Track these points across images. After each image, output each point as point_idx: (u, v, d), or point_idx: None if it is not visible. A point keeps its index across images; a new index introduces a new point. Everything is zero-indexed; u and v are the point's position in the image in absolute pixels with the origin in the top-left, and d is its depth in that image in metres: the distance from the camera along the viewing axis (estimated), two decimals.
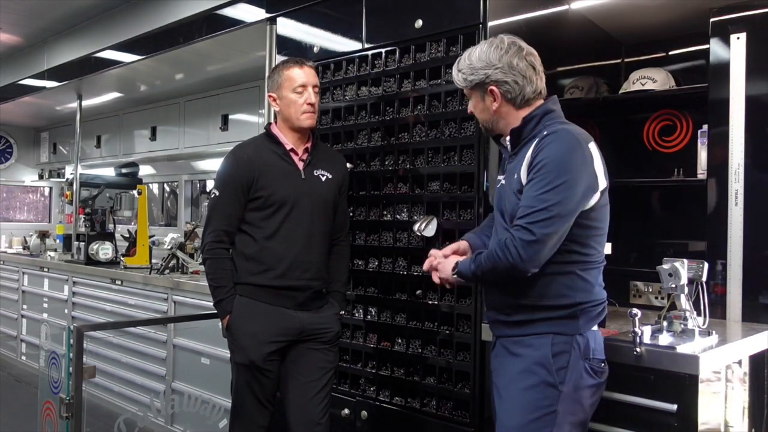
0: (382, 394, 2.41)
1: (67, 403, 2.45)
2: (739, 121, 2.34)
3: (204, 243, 2.29)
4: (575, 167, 1.63)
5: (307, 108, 2.27)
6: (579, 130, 1.73)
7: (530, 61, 1.76)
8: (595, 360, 1.71)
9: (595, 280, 1.73)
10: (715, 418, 1.97)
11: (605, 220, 1.73)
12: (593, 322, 1.72)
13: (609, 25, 2.87)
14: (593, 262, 1.72)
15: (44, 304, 5.33)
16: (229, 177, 2.28)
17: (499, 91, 1.76)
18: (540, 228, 1.59)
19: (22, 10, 4.32)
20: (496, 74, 1.74)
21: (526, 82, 1.75)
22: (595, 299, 1.71)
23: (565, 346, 1.68)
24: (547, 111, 1.78)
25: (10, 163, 7.29)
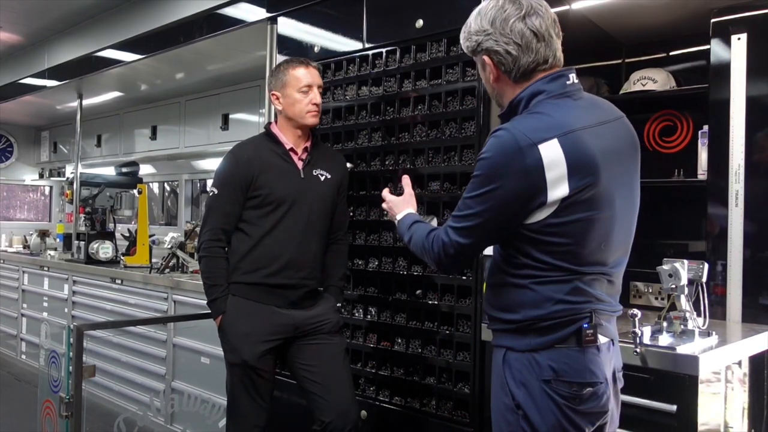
0: (382, 393, 2.41)
1: (67, 402, 2.45)
2: (740, 122, 2.34)
3: (201, 241, 2.28)
4: (507, 175, 1.38)
5: (312, 108, 2.28)
6: (542, 123, 1.42)
7: (532, 25, 1.46)
8: (564, 383, 1.43)
9: (553, 294, 1.44)
10: (715, 418, 1.97)
11: (577, 236, 1.42)
12: (550, 340, 1.45)
13: (610, 25, 2.87)
14: (551, 276, 1.44)
15: (44, 303, 5.33)
16: (229, 176, 2.28)
17: (491, 61, 1.50)
18: (458, 236, 1.48)
19: (23, 9, 4.32)
20: (487, 41, 1.48)
21: (522, 51, 1.46)
22: (551, 316, 1.44)
23: (517, 363, 1.47)
24: (534, 92, 1.48)
25: (11, 162, 7.29)
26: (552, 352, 1.44)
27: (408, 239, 1.68)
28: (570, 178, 1.38)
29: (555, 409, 1.43)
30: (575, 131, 1.41)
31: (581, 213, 1.40)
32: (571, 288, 1.44)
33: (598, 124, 1.47)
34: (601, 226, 1.44)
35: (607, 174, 1.44)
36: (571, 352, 1.44)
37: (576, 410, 1.43)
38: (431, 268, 2.13)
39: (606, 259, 1.48)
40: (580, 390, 1.43)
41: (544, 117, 1.44)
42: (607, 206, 1.45)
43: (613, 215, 1.47)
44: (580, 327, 1.44)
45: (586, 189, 1.40)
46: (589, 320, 1.45)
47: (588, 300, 1.46)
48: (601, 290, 1.48)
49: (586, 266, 1.45)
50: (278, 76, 2.33)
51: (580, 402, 1.43)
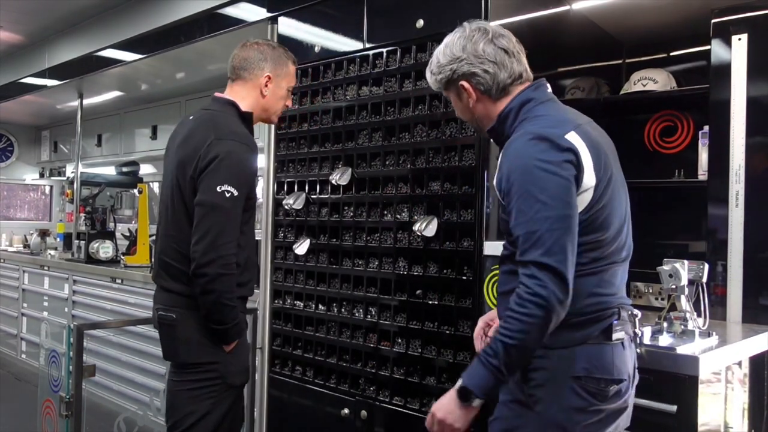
0: (382, 394, 2.41)
1: (67, 401, 2.45)
2: (740, 123, 2.34)
3: (220, 254, 1.90)
4: (554, 167, 1.39)
5: (284, 109, 2.22)
6: (552, 120, 1.48)
7: (500, 44, 1.55)
8: (593, 380, 1.44)
9: (586, 288, 1.45)
10: (715, 419, 1.97)
11: (604, 225, 1.46)
12: (583, 335, 1.45)
13: (610, 25, 2.87)
14: (584, 269, 1.45)
15: (44, 303, 5.33)
16: (249, 173, 2.01)
17: (470, 84, 1.57)
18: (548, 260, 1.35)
19: (24, 8, 4.32)
20: (462, 67, 1.56)
21: (499, 68, 1.54)
22: (584, 310, 1.45)
23: (542, 361, 1.46)
24: (523, 101, 1.55)
25: (11, 161, 7.29)
26: (584, 348, 1.45)
27: (494, 366, 1.39)
28: (596, 167, 1.44)
29: (579, 407, 1.43)
30: (581, 125, 1.49)
31: (605, 202, 1.46)
32: (598, 280, 1.48)
33: (587, 122, 1.56)
34: (618, 214, 1.51)
35: (614, 165, 1.54)
36: (602, 349, 1.46)
37: (598, 409, 1.45)
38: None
39: (623, 248, 1.55)
40: (606, 387, 1.45)
41: (550, 117, 1.51)
42: (619, 195, 1.53)
43: (623, 203, 1.56)
44: (611, 323, 1.47)
45: (607, 177, 1.47)
46: (617, 315, 1.48)
47: (613, 292, 1.51)
48: (621, 280, 1.55)
49: (612, 255, 1.50)
50: (280, 63, 2.14)
51: (605, 399, 1.45)
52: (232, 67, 2.16)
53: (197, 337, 1.99)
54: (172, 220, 2.05)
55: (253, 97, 2.13)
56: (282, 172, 2.84)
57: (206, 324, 1.98)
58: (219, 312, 1.95)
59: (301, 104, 2.77)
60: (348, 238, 2.55)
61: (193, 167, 1.96)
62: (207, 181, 1.93)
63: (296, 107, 2.79)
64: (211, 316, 1.96)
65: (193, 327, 1.99)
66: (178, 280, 2.02)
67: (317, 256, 2.66)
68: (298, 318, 2.72)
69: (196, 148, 1.98)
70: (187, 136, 2.07)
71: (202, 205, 1.93)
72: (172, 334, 2.03)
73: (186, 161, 2.00)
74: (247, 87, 2.13)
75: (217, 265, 1.89)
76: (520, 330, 1.38)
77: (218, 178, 1.92)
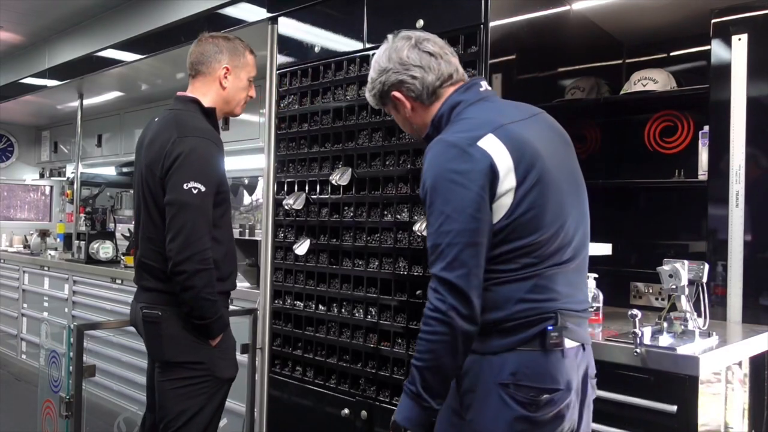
0: (382, 394, 2.41)
1: (67, 401, 2.45)
2: (740, 123, 2.34)
3: (198, 250, 1.94)
4: (463, 178, 1.35)
5: (247, 100, 2.22)
6: (471, 124, 1.44)
7: (424, 49, 1.53)
8: (522, 387, 1.37)
9: (514, 294, 1.40)
10: (715, 419, 1.97)
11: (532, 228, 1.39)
12: (514, 342, 1.40)
13: (610, 25, 2.87)
14: (510, 275, 1.41)
15: (44, 303, 5.34)
16: (215, 168, 2.03)
17: (401, 93, 1.56)
18: (447, 274, 1.33)
19: (24, 8, 4.32)
20: (390, 77, 1.56)
21: (426, 72, 1.52)
22: (514, 316, 1.40)
23: (473, 365, 1.42)
24: (453, 105, 1.51)
25: (11, 161, 7.29)
26: (514, 354, 1.39)
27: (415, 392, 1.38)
28: (516, 168, 1.38)
29: (506, 416, 1.37)
30: (505, 125, 1.43)
31: (531, 204, 1.38)
32: (531, 285, 1.40)
33: (523, 119, 1.49)
34: (554, 214, 1.42)
35: (549, 161, 1.44)
36: (534, 356, 1.39)
37: (528, 417, 1.38)
38: None
39: (565, 250, 1.45)
40: (537, 396, 1.38)
41: (471, 120, 1.46)
42: (556, 192, 1.43)
43: (563, 202, 1.45)
44: (545, 329, 1.39)
45: (534, 176, 1.39)
46: (554, 322, 1.40)
47: (551, 298, 1.42)
48: (565, 285, 1.44)
49: (548, 259, 1.41)
50: (236, 53, 2.17)
51: (536, 409, 1.38)
52: (190, 63, 2.19)
53: (182, 334, 2.02)
54: (147, 223, 2.09)
55: (213, 90, 2.16)
56: (282, 172, 2.84)
57: (190, 320, 2.01)
58: (200, 307, 1.97)
59: (301, 104, 2.77)
60: (348, 238, 2.55)
61: (159, 167, 2.00)
62: (174, 180, 1.96)
63: (296, 107, 2.79)
64: (193, 312, 1.99)
65: (178, 324, 2.02)
66: (160, 279, 2.05)
67: (317, 257, 2.66)
68: (298, 318, 2.72)
69: (161, 148, 2.01)
70: (153, 137, 2.09)
71: (172, 204, 1.96)
72: (157, 332, 2.05)
73: (153, 162, 2.03)
74: (207, 81, 2.16)
75: (194, 261, 1.92)
76: (428, 350, 1.36)
77: (184, 175, 1.95)
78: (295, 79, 2.80)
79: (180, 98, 2.18)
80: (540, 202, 1.39)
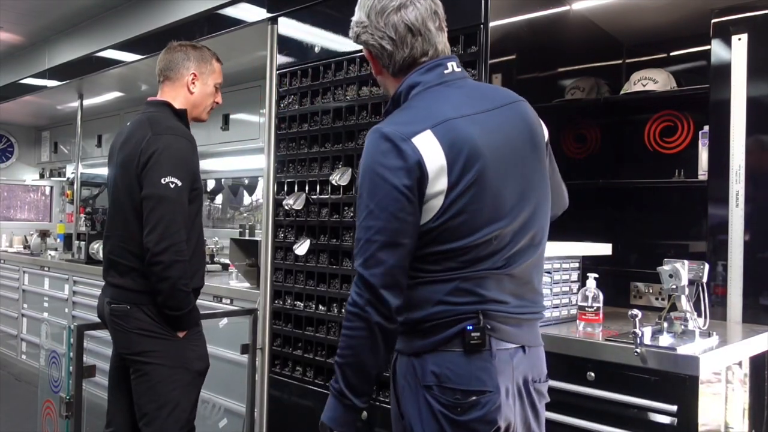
0: (383, 394, 2.41)
1: (67, 402, 2.45)
2: (740, 123, 2.34)
3: (173, 242, 2.01)
4: (390, 175, 1.30)
5: (214, 107, 2.32)
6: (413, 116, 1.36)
7: (407, 18, 1.39)
8: (446, 390, 1.32)
9: (432, 295, 1.35)
10: (716, 419, 1.97)
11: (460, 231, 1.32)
12: (433, 342, 1.34)
13: (610, 25, 2.87)
14: (432, 276, 1.35)
15: (45, 303, 5.33)
16: (190, 164, 2.11)
17: (370, 54, 1.47)
18: (365, 270, 1.30)
19: (23, 9, 4.32)
20: (364, 34, 1.44)
21: (396, 47, 1.41)
22: (431, 317, 1.34)
23: (401, 367, 1.39)
24: (411, 85, 1.41)
25: (11, 162, 7.29)
26: (436, 356, 1.34)
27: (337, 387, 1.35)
28: (450, 170, 1.30)
29: (435, 419, 1.32)
30: (450, 120, 1.33)
31: (464, 207, 1.31)
32: (452, 288, 1.34)
33: (480, 112, 1.38)
34: (489, 218, 1.33)
35: (495, 162, 1.34)
36: (456, 357, 1.33)
37: (454, 420, 1.31)
38: None
39: (499, 256, 1.35)
40: (463, 398, 1.31)
41: (418, 110, 1.38)
42: (495, 197, 1.34)
43: (503, 207, 1.35)
44: (464, 328, 1.32)
45: (468, 180, 1.31)
46: (474, 322, 1.33)
47: (476, 300, 1.34)
48: (496, 290, 1.36)
49: (474, 264, 1.34)
50: (204, 60, 2.27)
51: (462, 412, 1.31)
52: (159, 70, 2.28)
53: (150, 327, 2.10)
54: (117, 220, 2.17)
55: (182, 95, 2.25)
56: (282, 172, 2.84)
57: (160, 313, 2.08)
58: (175, 298, 2.04)
59: (301, 104, 2.77)
60: (348, 238, 2.55)
61: (135, 165, 2.08)
62: (150, 175, 2.04)
63: (296, 108, 2.79)
64: (167, 302, 2.05)
65: (146, 318, 2.10)
66: (127, 276, 2.13)
67: (317, 257, 2.66)
68: (299, 318, 2.71)
69: (136, 146, 2.09)
70: (126, 138, 2.18)
71: (149, 198, 2.03)
72: (124, 326, 2.13)
73: (128, 161, 2.11)
74: (175, 86, 2.25)
75: (171, 252, 2.00)
76: (347, 346, 1.33)
77: (161, 170, 2.03)
78: (295, 79, 2.80)
79: (151, 102, 2.28)
80: (473, 207, 1.31)
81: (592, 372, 1.88)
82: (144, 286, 2.08)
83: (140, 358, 2.11)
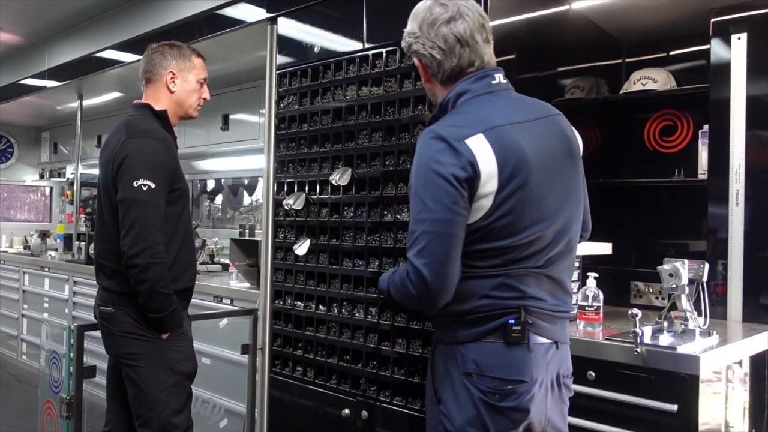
0: (383, 394, 2.41)
1: (68, 402, 2.45)
2: (740, 122, 2.34)
3: (148, 245, 2.00)
4: (445, 172, 1.38)
5: (201, 102, 2.33)
6: (466, 120, 1.45)
7: (456, 30, 1.49)
8: (484, 377, 1.43)
9: (479, 290, 1.45)
10: (716, 418, 1.97)
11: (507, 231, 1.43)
12: (476, 333, 1.46)
13: (610, 25, 2.87)
14: (479, 271, 1.45)
15: (45, 304, 5.34)
16: (164, 165, 2.09)
17: (420, 63, 1.56)
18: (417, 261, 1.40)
19: (23, 9, 4.32)
20: (416, 44, 1.54)
21: (445, 56, 1.50)
22: (476, 310, 1.46)
23: (443, 356, 1.51)
24: (460, 92, 1.51)
25: (11, 162, 7.30)
26: (477, 345, 1.45)
27: (389, 292, 1.56)
28: (500, 173, 1.39)
29: (472, 404, 1.43)
30: (500, 127, 1.42)
31: (510, 209, 1.41)
32: (497, 283, 1.44)
33: (524, 121, 1.47)
34: (533, 222, 1.43)
35: (538, 169, 1.44)
36: (497, 347, 1.44)
37: (493, 406, 1.42)
38: None
39: (540, 256, 1.46)
40: (500, 386, 1.42)
41: (468, 114, 1.47)
42: (538, 202, 1.44)
43: (545, 210, 1.45)
44: (506, 322, 1.43)
45: (516, 183, 1.40)
46: (516, 316, 1.43)
47: (518, 296, 1.45)
48: (536, 287, 1.46)
49: (517, 263, 1.44)
50: (182, 58, 2.28)
51: (500, 399, 1.42)
52: (141, 73, 2.32)
53: (134, 329, 2.11)
54: (101, 223, 2.20)
55: (163, 95, 2.27)
56: (282, 172, 2.84)
57: (142, 316, 2.09)
58: (154, 300, 2.04)
59: (301, 105, 2.77)
60: (348, 238, 2.55)
61: (110, 168, 2.11)
62: (123, 179, 2.05)
63: (296, 108, 2.79)
64: (146, 304, 2.05)
65: (130, 320, 2.11)
66: (113, 278, 2.15)
67: (317, 257, 2.66)
68: (299, 318, 2.72)
69: (112, 150, 2.13)
70: (106, 142, 2.24)
71: (123, 202, 2.05)
72: (110, 328, 2.16)
73: (105, 164, 2.16)
74: (156, 87, 2.28)
75: (147, 255, 2.00)
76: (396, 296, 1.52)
77: (133, 173, 2.04)
78: (295, 79, 2.80)
79: (134, 105, 2.31)
80: (519, 209, 1.41)
81: (592, 371, 1.88)
82: (127, 288, 2.08)
83: (126, 361, 2.13)
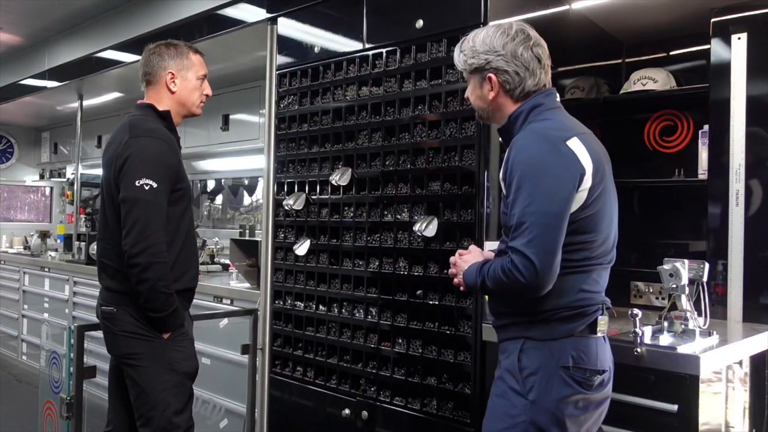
0: (383, 394, 2.41)
1: (68, 402, 2.45)
2: (740, 122, 2.34)
3: (150, 244, 2.00)
4: (552, 164, 1.51)
5: (204, 99, 2.32)
6: (557, 124, 1.61)
7: (536, 53, 1.65)
8: (578, 369, 1.56)
9: (576, 284, 1.58)
10: (716, 418, 1.97)
11: (595, 227, 1.57)
12: (571, 328, 1.57)
13: (610, 25, 2.87)
14: (576, 267, 1.57)
15: (45, 304, 5.34)
16: (166, 164, 2.09)
17: (497, 79, 1.65)
18: (529, 248, 1.47)
19: (23, 9, 4.32)
20: (497, 61, 1.64)
21: (528, 75, 1.64)
22: (574, 305, 1.57)
23: (535, 351, 1.58)
24: (534, 105, 1.65)
25: (11, 162, 7.30)
26: (573, 340, 1.57)
27: (480, 285, 1.62)
28: (594, 172, 1.55)
29: (568, 395, 1.55)
30: (584, 134, 1.61)
31: (597, 206, 1.56)
32: (589, 278, 1.59)
33: (586, 133, 1.65)
34: (607, 218, 1.61)
35: (608, 175, 1.64)
36: (589, 342, 1.58)
37: (586, 396, 1.56)
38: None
39: (608, 254, 1.64)
40: (592, 376, 1.57)
41: (554, 122, 1.62)
42: (610, 202, 1.63)
43: (612, 211, 1.65)
44: (596, 317, 1.58)
45: (601, 184, 1.57)
46: (601, 311, 1.60)
47: (599, 290, 1.62)
48: (605, 282, 1.65)
49: (599, 257, 1.60)
50: (180, 57, 2.26)
51: (591, 388, 1.57)
52: (141, 75, 2.31)
53: (135, 329, 2.10)
54: (104, 222, 2.20)
55: (164, 95, 2.26)
56: (282, 172, 2.84)
57: (144, 315, 2.08)
58: (155, 299, 2.03)
59: (301, 105, 2.78)
60: (348, 238, 2.55)
61: (113, 168, 2.10)
62: (126, 178, 2.05)
63: (296, 108, 2.79)
64: (147, 304, 2.05)
65: (131, 320, 2.10)
66: (114, 278, 2.15)
67: (317, 257, 2.66)
68: (299, 318, 2.72)
69: (115, 150, 2.12)
70: (110, 142, 2.22)
71: (125, 201, 2.04)
72: (111, 328, 2.15)
73: (108, 164, 2.15)
74: (157, 88, 2.27)
75: (148, 254, 2.00)
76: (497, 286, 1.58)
77: (136, 173, 2.04)
78: (295, 79, 2.80)
79: (137, 105, 2.30)
80: (601, 208, 1.58)
81: None
82: (129, 288, 2.08)
83: (127, 360, 2.12)
